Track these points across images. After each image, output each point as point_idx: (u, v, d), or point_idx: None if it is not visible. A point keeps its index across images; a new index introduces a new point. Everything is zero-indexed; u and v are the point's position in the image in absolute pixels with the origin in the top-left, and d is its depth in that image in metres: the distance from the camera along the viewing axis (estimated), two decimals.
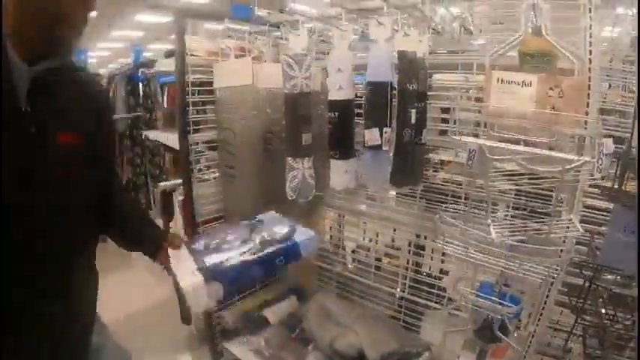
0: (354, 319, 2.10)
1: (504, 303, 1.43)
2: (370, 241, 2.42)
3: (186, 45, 1.83)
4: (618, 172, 1.20)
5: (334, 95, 1.46)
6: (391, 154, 1.45)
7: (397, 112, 1.42)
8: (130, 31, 12.88)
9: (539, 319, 1.59)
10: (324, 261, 2.51)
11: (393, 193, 2.16)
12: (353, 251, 2.46)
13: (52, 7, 0.96)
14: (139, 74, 4.30)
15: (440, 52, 1.71)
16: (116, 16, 11.14)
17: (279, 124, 1.74)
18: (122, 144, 4.47)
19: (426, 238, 2.04)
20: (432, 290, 2.14)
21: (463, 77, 1.63)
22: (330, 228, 2.51)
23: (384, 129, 1.40)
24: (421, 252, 2.16)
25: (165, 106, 4.02)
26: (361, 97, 1.64)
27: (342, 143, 1.50)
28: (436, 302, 2.13)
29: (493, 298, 1.44)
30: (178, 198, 2.18)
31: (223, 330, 2.25)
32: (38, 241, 1.06)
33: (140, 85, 4.40)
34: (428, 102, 1.56)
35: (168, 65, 2.25)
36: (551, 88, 1.20)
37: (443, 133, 1.77)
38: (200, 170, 2.01)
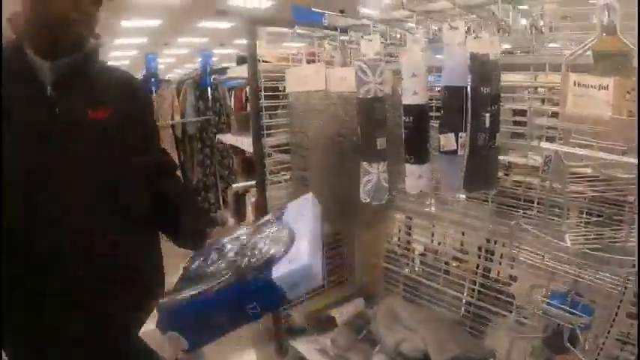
0: (420, 322, 2.09)
1: (576, 312, 1.37)
2: (439, 244, 2.40)
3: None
4: None
5: (409, 100, 1.46)
6: (465, 159, 1.43)
7: (471, 116, 1.39)
8: (193, 37, 13.28)
9: (609, 331, 1.53)
10: (392, 263, 2.51)
11: (463, 196, 2.13)
12: (421, 254, 2.44)
13: (60, 8, 1.00)
14: (209, 79, 4.45)
15: (508, 52, 1.67)
16: (181, 23, 11.51)
17: (349, 128, 1.76)
18: (192, 146, 4.64)
19: (495, 243, 2.00)
20: (500, 296, 2.10)
21: (531, 78, 1.59)
22: (399, 230, 2.51)
23: (460, 134, 1.38)
24: (491, 257, 2.12)
25: (233, 109, 4.15)
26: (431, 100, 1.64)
27: (417, 148, 1.49)
28: (504, 309, 2.10)
29: (565, 307, 1.39)
30: (251, 199, 2.24)
31: (290, 328, 2.29)
32: (82, 221, 1.08)
33: (209, 89, 4.55)
34: (501, 104, 1.53)
35: (241, 72, 2.31)
36: (628, 92, 1.14)
37: (514, 135, 1.74)
38: (272, 173, 2.05)
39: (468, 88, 1.37)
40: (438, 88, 1.56)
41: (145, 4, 9.24)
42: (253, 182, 2.45)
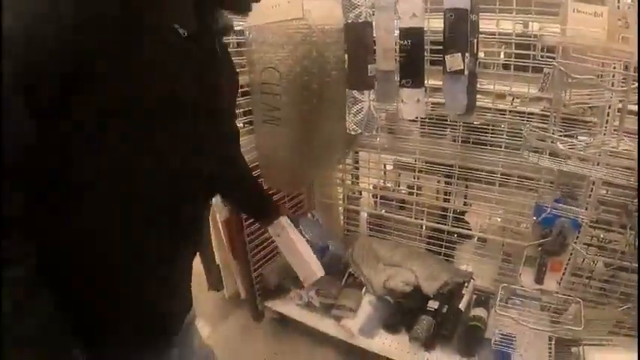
0: (404, 257, 2.08)
1: (578, 209, 1.49)
2: (399, 175, 2.38)
3: None
4: None
5: (407, 23, 1.37)
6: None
7: None
8: None
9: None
10: (352, 203, 2.48)
11: (415, 129, 2.12)
12: (381, 189, 2.42)
13: None
14: None
15: None
16: None
17: (321, 60, 1.63)
18: None
19: (459, 168, 2.00)
20: (461, 218, 2.19)
21: None
22: (358, 169, 2.46)
23: (466, 54, 1.34)
24: (458, 182, 2.11)
25: None
26: None
27: (415, 71, 1.42)
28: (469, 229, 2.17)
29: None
30: None
31: (263, 289, 2.16)
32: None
33: None
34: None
35: None
36: (619, 19, 1.27)
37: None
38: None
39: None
40: None
41: None
42: None
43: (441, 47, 1.41)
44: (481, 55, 1.78)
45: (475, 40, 1.41)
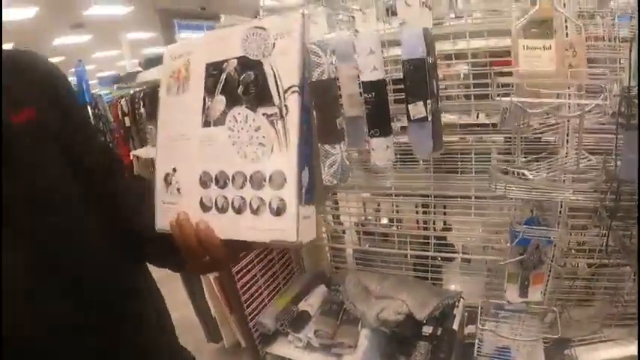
0: (391, 288, 2.11)
1: (551, 229, 1.56)
2: (377, 211, 2.42)
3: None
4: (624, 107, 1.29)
5: (369, 77, 1.45)
6: None
7: None
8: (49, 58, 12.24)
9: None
10: (337, 242, 2.51)
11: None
12: (363, 225, 2.46)
13: None
14: (89, 95, 3.97)
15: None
16: (32, 44, 10.61)
17: None
18: None
19: (435, 197, 2.06)
20: (447, 243, 2.24)
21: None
22: (337, 208, 2.51)
23: (427, 101, 1.41)
24: (436, 210, 2.16)
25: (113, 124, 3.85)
26: None
27: (381, 121, 1.49)
28: (453, 253, 2.21)
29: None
30: None
31: (262, 335, 2.17)
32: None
33: (89, 107, 4.07)
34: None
35: (152, 75, 2.10)
36: (566, 49, 1.33)
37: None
38: None
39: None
40: None
41: None
42: None
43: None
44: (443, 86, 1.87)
45: (435, 82, 1.48)
